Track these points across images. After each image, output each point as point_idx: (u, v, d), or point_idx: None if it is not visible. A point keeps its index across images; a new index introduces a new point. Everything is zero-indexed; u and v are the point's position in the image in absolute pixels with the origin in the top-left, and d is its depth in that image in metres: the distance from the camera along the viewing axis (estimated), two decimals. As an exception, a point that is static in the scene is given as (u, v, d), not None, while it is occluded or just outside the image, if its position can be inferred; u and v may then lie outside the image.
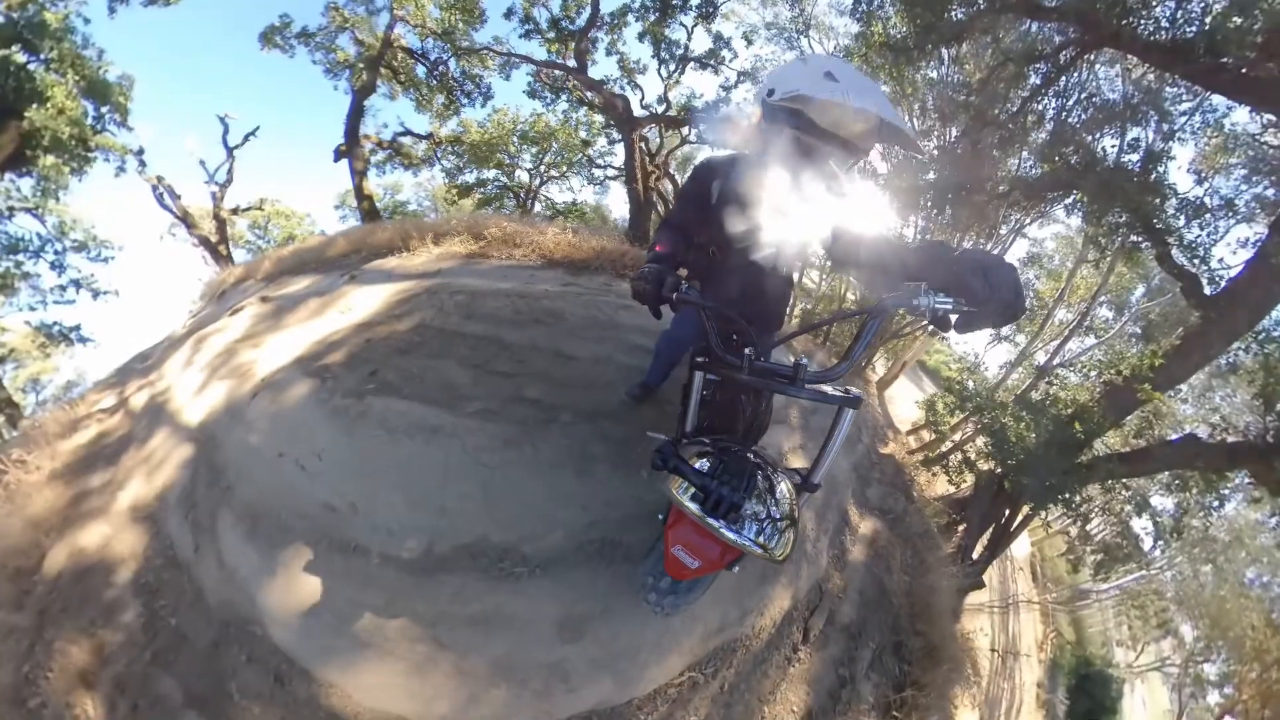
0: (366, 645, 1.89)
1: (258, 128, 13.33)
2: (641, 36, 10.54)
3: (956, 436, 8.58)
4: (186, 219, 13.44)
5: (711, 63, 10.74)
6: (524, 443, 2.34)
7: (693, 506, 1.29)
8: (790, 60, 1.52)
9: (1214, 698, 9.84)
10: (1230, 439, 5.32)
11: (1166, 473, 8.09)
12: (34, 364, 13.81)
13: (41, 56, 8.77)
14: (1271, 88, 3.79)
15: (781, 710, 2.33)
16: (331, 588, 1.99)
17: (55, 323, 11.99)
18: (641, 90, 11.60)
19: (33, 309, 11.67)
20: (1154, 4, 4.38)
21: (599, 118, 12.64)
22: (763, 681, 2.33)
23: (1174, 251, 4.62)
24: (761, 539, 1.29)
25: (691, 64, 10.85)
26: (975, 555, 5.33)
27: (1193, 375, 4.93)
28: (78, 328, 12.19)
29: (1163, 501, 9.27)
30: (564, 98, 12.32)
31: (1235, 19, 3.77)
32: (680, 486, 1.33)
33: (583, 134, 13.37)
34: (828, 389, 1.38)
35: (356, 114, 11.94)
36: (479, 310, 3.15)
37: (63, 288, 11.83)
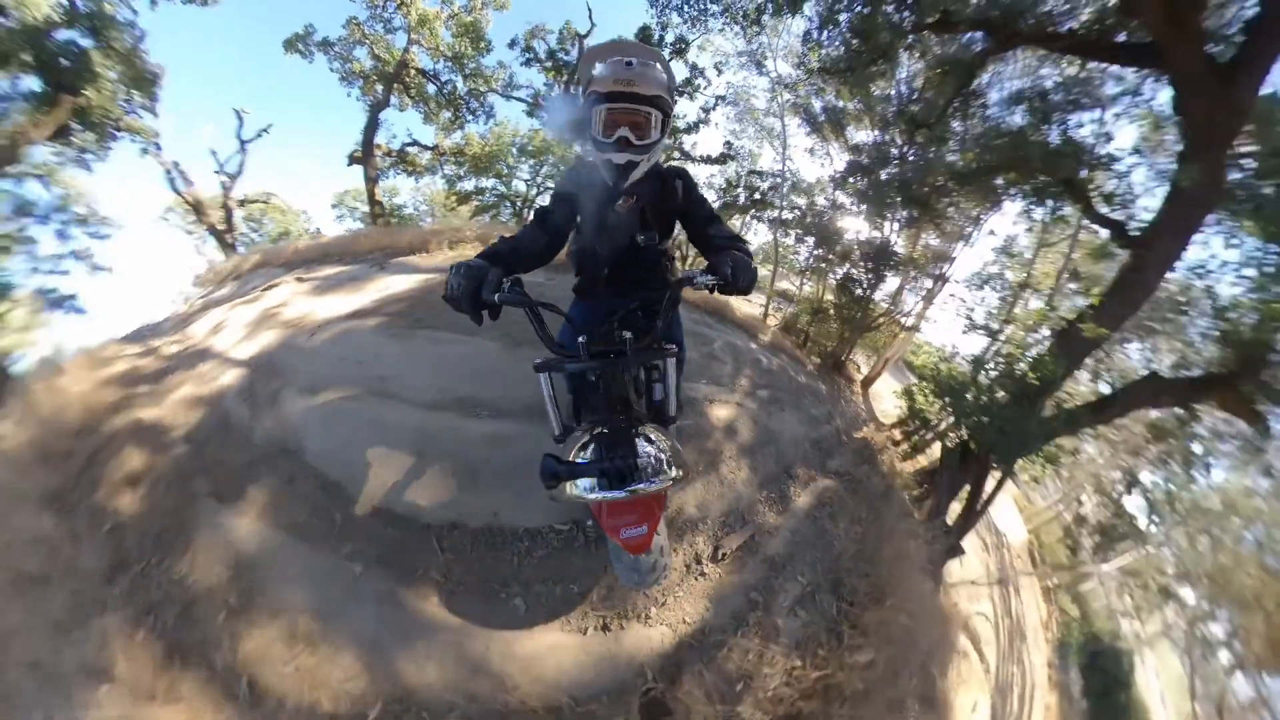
0: (374, 452, 2.59)
1: (270, 125, 13.80)
2: (628, 67, 11.27)
3: (937, 422, 8.54)
4: (198, 205, 13.52)
5: (688, 90, 11.35)
6: (510, 350, 3.43)
7: (602, 495, 1.34)
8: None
9: (1224, 656, 9.40)
10: (1193, 374, 5.37)
11: (1157, 450, 8.00)
12: (7, 337, 12.26)
13: (101, 43, 9.30)
14: (1137, 50, 4.31)
15: (671, 615, 2.31)
16: (365, 414, 2.84)
17: (53, 289, 11.40)
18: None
19: (27, 276, 11.16)
20: (1040, 5, 4.86)
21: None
22: (650, 579, 2.41)
23: (1096, 203, 4.91)
24: (665, 473, 1.40)
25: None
26: (950, 521, 5.29)
27: (1138, 309, 5.04)
28: (73, 297, 11.57)
29: (1153, 478, 9.11)
30: (560, 118, 12.94)
31: None
32: (581, 485, 1.36)
33: (577, 149, 13.77)
34: (654, 349, 1.54)
35: (372, 126, 12.56)
36: (489, 290, 4.32)
37: (60, 257, 11.48)
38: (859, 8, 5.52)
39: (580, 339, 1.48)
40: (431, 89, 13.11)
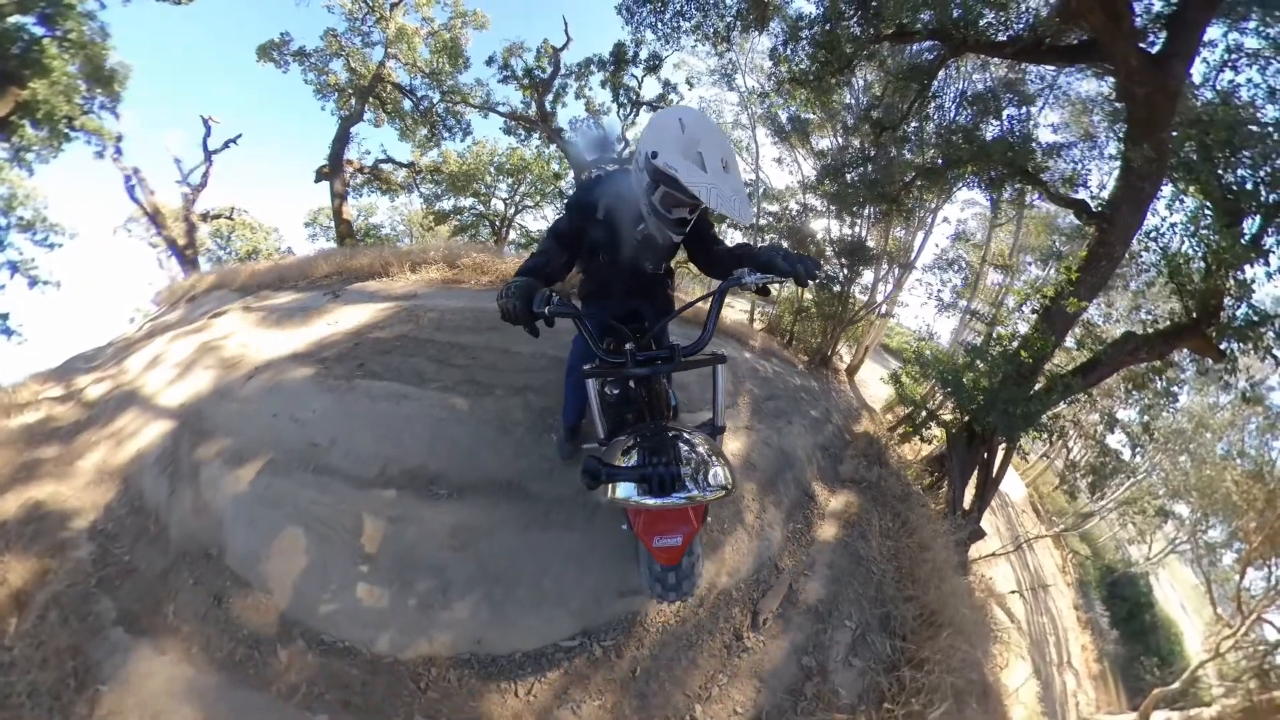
0: (311, 557, 2.08)
1: (239, 135, 12.56)
2: (603, 84, 11.34)
3: (930, 405, 8.61)
4: (156, 216, 12.08)
5: (661, 106, 11.46)
6: (466, 407, 2.84)
7: (644, 500, 1.27)
8: (668, 121, 1.51)
9: (1229, 558, 9.67)
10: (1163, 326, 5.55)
11: (1126, 387, 8.23)
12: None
13: (56, 32, 8.15)
14: (1073, 50, 4.57)
15: (720, 709, 1.90)
16: (297, 499, 2.27)
17: (-25, 308, 9.29)
18: (604, 130, 12.13)
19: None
20: (983, 16, 5.04)
21: (571, 152, 12.93)
22: (690, 672, 2.01)
23: (1055, 186, 5.10)
24: (709, 485, 1.31)
25: (644, 107, 11.57)
26: (966, 505, 5.26)
27: (1109, 278, 5.30)
28: (5, 317, 9.81)
29: (1128, 414, 9.36)
30: (536, 135, 12.80)
31: None
32: (621, 489, 1.29)
33: (555, 167, 13.50)
34: (701, 356, 1.50)
35: (341, 140, 11.65)
36: (446, 323, 3.71)
37: (-9, 269, 9.35)
38: (821, 23, 5.62)
39: (628, 346, 1.47)
40: (408, 105, 12.50)
